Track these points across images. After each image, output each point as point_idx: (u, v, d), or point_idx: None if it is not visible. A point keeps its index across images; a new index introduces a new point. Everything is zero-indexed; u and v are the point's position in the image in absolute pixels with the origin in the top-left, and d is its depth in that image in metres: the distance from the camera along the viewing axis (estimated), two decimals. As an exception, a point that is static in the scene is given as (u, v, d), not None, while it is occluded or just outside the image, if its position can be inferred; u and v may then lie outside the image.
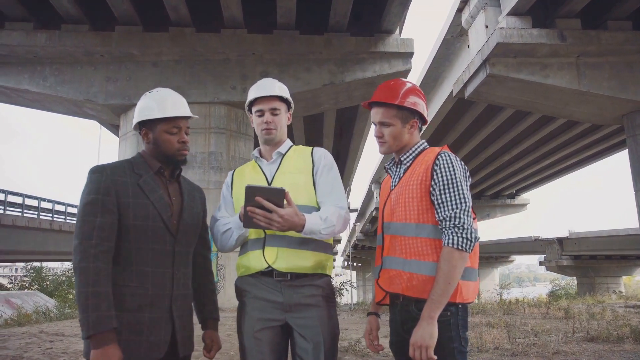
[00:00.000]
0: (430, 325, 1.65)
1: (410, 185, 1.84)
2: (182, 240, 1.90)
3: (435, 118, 16.18)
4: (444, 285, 1.67)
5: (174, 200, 1.93)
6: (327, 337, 1.91)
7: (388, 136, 1.93)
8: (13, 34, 10.27)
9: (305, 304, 1.92)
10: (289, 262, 1.92)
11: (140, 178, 1.86)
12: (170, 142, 1.92)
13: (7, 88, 10.88)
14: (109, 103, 10.72)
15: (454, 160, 1.81)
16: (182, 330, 1.86)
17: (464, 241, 1.69)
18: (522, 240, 32.50)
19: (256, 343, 1.89)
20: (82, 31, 10.43)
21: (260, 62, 10.99)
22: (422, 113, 1.95)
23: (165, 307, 1.80)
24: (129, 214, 1.78)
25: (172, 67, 10.88)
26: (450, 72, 14.40)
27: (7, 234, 20.10)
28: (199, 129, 10.63)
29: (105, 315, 1.62)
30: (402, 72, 10.90)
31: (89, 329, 1.60)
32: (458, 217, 1.72)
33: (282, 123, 2.11)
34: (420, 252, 1.77)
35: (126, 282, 1.75)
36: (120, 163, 1.89)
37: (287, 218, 1.78)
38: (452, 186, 1.76)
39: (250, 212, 1.77)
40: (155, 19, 10.61)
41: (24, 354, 5.03)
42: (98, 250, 1.68)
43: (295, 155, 2.13)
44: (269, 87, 2.12)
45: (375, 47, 10.76)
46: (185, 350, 1.88)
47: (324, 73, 10.88)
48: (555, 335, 6.03)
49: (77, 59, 10.72)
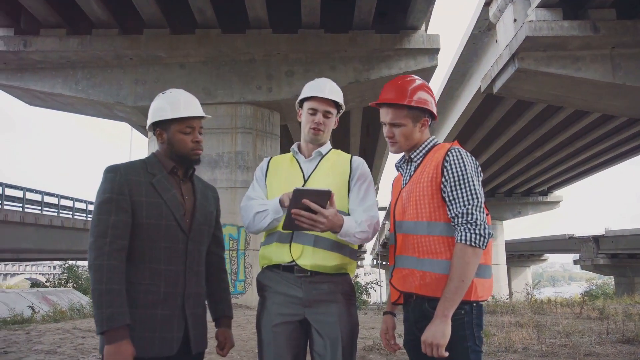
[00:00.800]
0: (443, 323, 1.63)
1: (421, 183, 1.82)
2: (195, 239, 1.92)
3: (463, 115, 15.93)
4: (457, 282, 1.64)
5: (186, 199, 1.95)
6: (345, 334, 1.91)
7: (399, 136, 1.91)
8: (47, 40, 10.60)
9: (325, 300, 1.93)
10: (312, 260, 1.94)
11: (153, 177, 1.88)
12: (184, 142, 1.94)
13: (43, 92, 11.23)
14: (137, 105, 10.94)
15: (465, 156, 1.78)
16: (195, 328, 1.87)
17: (477, 237, 1.66)
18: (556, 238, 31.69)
19: (274, 337, 1.90)
20: (112, 35, 10.68)
21: (285, 61, 11.03)
22: (431, 110, 1.93)
23: (177, 304, 1.82)
24: (142, 212, 1.80)
25: (198, 69, 11.04)
26: (478, 67, 14.15)
27: (44, 233, 20.79)
28: (226, 129, 10.75)
29: (118, 311, 1.65)
30: (428, 68, 10.77)
31: (102, 325, 1.64)
32: (470, 213, 1.69)
33: (330, 126, 2.14)
34: (433, 250, 1.74)
35: (139, 280, 1.77)
36: (134, 163, 1.93)
37: (331, 218, 1.81)
38: (464, 182, 1.73)
39: (295, 214, 1.78)
40: (182, 21, 10.79)
41: (57, 349, 5.18)
42: (112, 248, 1.71)
43: (334, 158, 2.15)
44: (324, 88, 2.12)
45: (401, 44, 10.67)
46: (198, 347, 1.89)
47: (349, 71, 10.85)
48: (588, 336, 5.85)
49: (107, 62, 10.99)
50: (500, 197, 28.93)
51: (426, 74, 10.99)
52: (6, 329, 6.67)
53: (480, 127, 17.44)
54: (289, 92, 10.89)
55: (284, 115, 12.00)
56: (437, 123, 19.00)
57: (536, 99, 11.30)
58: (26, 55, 10.66)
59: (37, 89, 11.11)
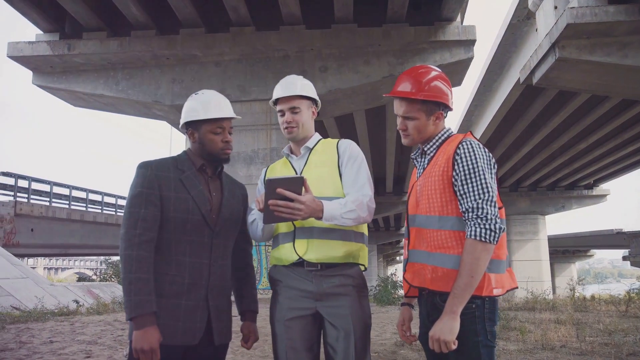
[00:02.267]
0: (451, 319, 1.61)
1: (433, 176, 1.79)
2: (221, 234, 1.98)
3: (502, 107, 15.51)
4: (467, 278, 1.61)
5: (214, 195, 2.02)
6: (357, 326, 1.92)
7: (412, 129, 1.88)
8: (89, 43, 10.98)
9: (336, 293, 1.94)
10: (319, 253, 1.95)
11: (182, 174, 1.97)
12: (214, 142, 2.02)
13: (85, 94, 11.65)
14: (175, 104, 11.18)
15: (476, 148, 1.74)
16: (219, 320, 1.94)
17: (487, 232, 1.62)
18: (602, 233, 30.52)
19: (286, 330, 1.93)
20: (150, 36, 10.94)
21: (319, 57, 11.03)
22: (447, 103, 1.88)
23: (201, 296, 1.89)
24: (170, 206, 1.89)
25: (233, 66, 11.18)
26: (517, 58, 13.74)
27: (89, 229, 21.64)
28: (261, 126, 10.86)
29: (145, 299, 1.75)
30: (464, 60, 10.53)
31: (131, 311, 1.73)
32: (481, 208, 1.65)
33: (303, 120, 2.14)
34: (444, 245, 1.72)
35: (165, 270, 1.86)
36: (165, 160, 2.02)
37: (308, 204, 1.81)
38: (474, 175, 1.69)
39: (272, 205, 1.79)
40: (216, 20, 10.95)
41: (98, 339, 5.40)
42: (141, 240, 1.81)
43: (322, 149, 2.16)
44: (289, 86, 2.15)
45: (436, 36, 10.47)
46: (222, 339, 1.95)
47: (383, 65, 10.75)
48: (632, 335, 5.60)
49: (145, 62, 11.28)
50: (543, 191, 28.04)
51: (462, 67, 10.76)
52: (53, 320, 6.98)
53: (521, 119, 16.93)
54: (323, 88, 10.89)
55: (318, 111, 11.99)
56: (476, 115, 18.59)
57: (579, 89, 10.86)
58: (70, 58, 11.08)
59: (80, 91, 11.53)
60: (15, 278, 9.28)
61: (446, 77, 1.92)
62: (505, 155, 21.32)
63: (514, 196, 27.53)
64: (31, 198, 19.63)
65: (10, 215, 15.84)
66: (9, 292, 8.60)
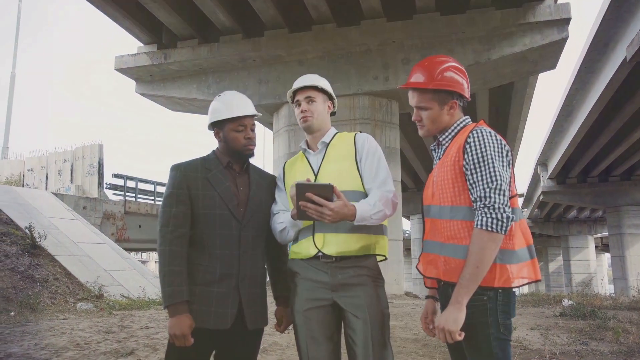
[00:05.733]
0: (456, 310, 1.59)
1: (446, 167, 1.78)
2: (249, 226, 2.08)
3: (607, 89, 14.17)
4: (472, 268, 1.59)
5: (241, 190, 2.13)
6: (374, 315, 1.94)
7: (426, 120, 1.89)
8: (182, 51, 11.77)
9: (350, 284, 1.97)
10: (337, 247, 1.98)
11: (209, 172, 2.10)
12: (237, 140, 2.13)
13: (181, 99, 12.50)
14: (262, 103, 11.62)
15: (487, 136, 1.71)
16: (250, 306, 2.05)
17: (494, 222, 1.59)
18: None
19: (305, 321, 2.00)
20: (236, 40, 11.47)
21: (401, 49, 10.86)
22: (460, 91, 1.87)
23: (232, 284, 2.02)
24: (199, 203, 2.03)
25: (316, 64, 11.37)
26: (624, 34, 12.46)
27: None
28: (344, 121, 10.93)
29: (177, 290, 1.91)
30: (557, 42, 9.79)
31: (165, 301, 1.92)
32: (489, 197, 1.62)
33: (319, 111, 2.18)
34: (456, 235, 1.71)
35: (199, 262, 2.02)
36: (195, 160, 2.16)
37: (337, 210, 1.85)
38: (483, 164, 1.66)
39: (303, 206, 1.86)
40: (298, 20, 11.19)
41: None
42: (173, 236, 1.97)
43: (339, 143, 2.18)
44: (304, 79, 2.22)
45: (525, 18, 9.84)
46: (255, 325, 2.07)
47: (468, 53, 10.32)
48: None
49: (233, 66, 11.84)
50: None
51: (555, 48, 10.02)
52: (154, 308, 7.62)
53: (630, 101, 15.39)
54: (406, 80, 10.68)
55: (403, 104, 11.84)
56: (577, 99, 17.19)
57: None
58: (167, 66, 11.96)
59: (176, 96, 12.39)
60: (124, 270, 10.26)
61: (460, 66, 1.91)
62: (613, 141, 19.51)
63: (626, 185, 25.11)
64: (138, 197, 21.45)
65: (121, 213, 17.45)
66: (119, 283, 9.52)
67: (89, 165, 17.96)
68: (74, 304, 7.66)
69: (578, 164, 23.78)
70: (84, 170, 18.10)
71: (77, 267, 9.21)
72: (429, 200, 1.85)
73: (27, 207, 11.01)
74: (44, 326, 5.53)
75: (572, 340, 5.02)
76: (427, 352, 4.58)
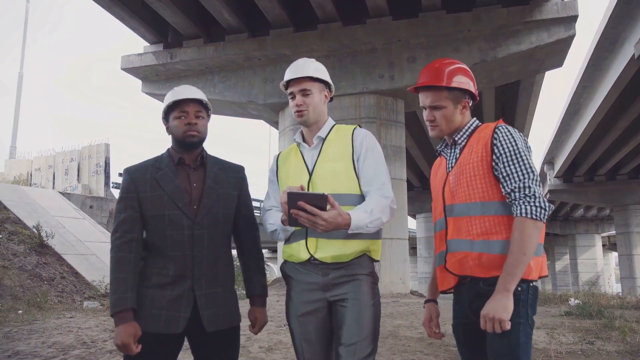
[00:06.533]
0: (505, 297, 1.60)
1: (471, 164, 1.78)
2: (203, 224, 1.97)
3: (614, 87, 14.08)
4: (519, 255, 1.60)
5: (194, 186, 2.02)
6: (363, 306, 1.87)
7: (440, 119, 1.88)
8: (188, 50, 11.81)
9: (343, 282, 1.91)
10: (329, 252, 1.90)
11: (159, 172, 2.01)
12: (177, 127, 2.01)
13: (187, 97, 12.53)
14: (267, 102, 11.64)
15: (513, 132, 1.76)
16: (209, 307, 1.94)
17: (537, 209, 1.63)
18: None
19: (300, 324, 1.94)
20: (242, 39, 11.49)
21: (406, 48, 10.84)
22: (472, 91, 1.89)
23: (186, 285, 1.93)
24: (148, 206, 1.97)
25: (321, 62, 11.21)
26: (632, 31, 12.36)
27: None
28: (350, 120, 10.92)
29: (121, 297, 1.86)
30: (563, 39, 9.73)
31: (110, 309, 1.88)
32: (527, 187, 1.66)
33: (315, 103, 2.04)
34: (488, 230, 1.71)
35: (153, 264, 1.97)
36: (147, 161, 2.08)
37: (330, 220, 1.75)
38: (517, 157, 1.70)
39: (295, 214, 1.77)
40: (304, 19, 11.18)
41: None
42: (121, 242, 1.93)
43: (336, 139, 2.05)
44: (298, 69, 2.05)
45: (531, 15, 9.79)
46: (215, 326, 1.95)
47: (474, 51, 10.29)
48: None
49: (239, 65, 11.86)
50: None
51: (562, 46, 9.97)
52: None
53: (638, 99, 15.29)
54: (411, 79, 10.69)
55: (408, 103, 11.82)
56: (585, 97, 17.09)
57: None
58: (172, 66, 11.99)
59: (182, 95, 12.42)
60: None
61: (468, 69, 1.93)
62: (620, 140, 19.39)
63: (634, 184, 24.96)
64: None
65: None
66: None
67: (96, 165, 18.05)
68: (81, 303, 7.72)
69: (585, 162, 23.63)
70: (90, 170, 18.20)
71: (84, 265, 9.27)
72: (451, 200, 1.83)
73: (35, 207, 11.09)
74: (51, 324, 5.58)
75: (578, 340, 4.99)
76: (431, 350, 4.58)
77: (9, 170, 19.95)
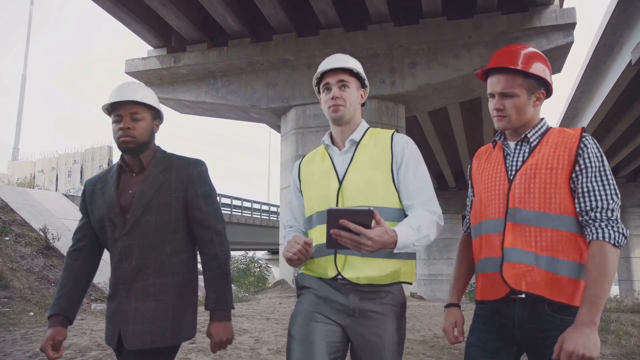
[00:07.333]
0: (593, 332, 1.42)
1: (548, 169, 1.59)
2: (134, 232, 1.84)
3: (612, 91, 14.27)
4: (603, 285, 1.45)
5: (129, 194, 1.87)
6: (390, 345, 1.68)
7: (511, 109, 1.65)
8: (191, 55, 11.95)
9: (371, 311, 1.68)
10: (361, 272, 1.67)
11: (104, 182, 1.94)
12: (114, 132, 1.86)
13: (190, 101, 12.67)
14: (270, 107, 11.79)
15: (600, 148, 1.60)
16: (135, 323, 1.79)
17: (620, 236, 1.49)
18: None
19: (307, 333, 1.65)
20: (245, 44, 11.63)
21: (407, 53, 11.00)
22: (549, 83, 1.68)
23: (121, 298, 1.84)
24: (92, 218, 1.95)
25: (323, 68, 11.48)
26: (629, 37, 12.56)
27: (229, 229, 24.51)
28: (352, 125, 11.04)
29: (54, 303, 1.87)
30: (562, 46, 9.90)
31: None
32: (611, 210, 1.52)
33: (352, 99, 1.80)
34: (558, 247, 1.55)
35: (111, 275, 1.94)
36: (104, 171, 2.03)
37: (377, 239, 1.49)
38: (603, 175, 1.55)
39: (335, 234, 1.51)
40: (306, 24, 11.34)
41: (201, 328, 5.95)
42: (70, 250, 1.96)
43: (371, 144, 1.80)
44: (336, 60, 1.84)
45: (530, 22, 9.97)
46: (137, 344, 1.78)
47: (474, 57, 10.45)
48: None
49: (242, 69, 12.01)
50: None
51: (561, 53, 10.13)
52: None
53: (635, 103, 15.48)
54: (413, 84, 10.86)
55: (409, 107, 11.99)
56: (583, 102, 17.27)
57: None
58: (176, 70, 12.13)
59: (186, 99, 12.57)
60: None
61: (546, 58, 1.74)
62: (619, 143, 19.58)
63: (632, 187, 25.17)
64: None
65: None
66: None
67: (99, 167, 18.16)
68: (89, 305, 7.84)
69: (583, 165, 23.77)
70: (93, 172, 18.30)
71: (90, 268, 9.37)
72: (516, 203, 1.62)
73: (40, 209, 11.21)
74: (63, 326, 5.68)
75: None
76: (434, 353, 4.71)
77: (12, 172, 20.06)
